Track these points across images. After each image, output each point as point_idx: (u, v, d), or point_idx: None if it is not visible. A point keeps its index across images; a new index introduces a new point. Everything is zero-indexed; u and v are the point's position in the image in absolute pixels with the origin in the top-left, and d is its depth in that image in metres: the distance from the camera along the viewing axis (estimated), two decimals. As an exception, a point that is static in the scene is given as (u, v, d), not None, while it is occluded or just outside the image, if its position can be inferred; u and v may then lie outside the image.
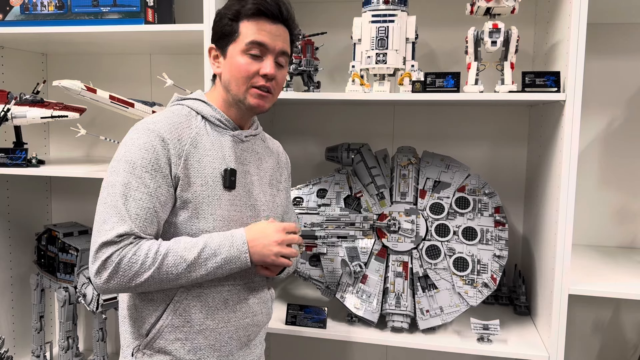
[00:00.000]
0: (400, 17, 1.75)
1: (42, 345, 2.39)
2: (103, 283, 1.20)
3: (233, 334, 1.37)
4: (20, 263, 2.48)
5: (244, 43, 1.31)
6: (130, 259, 1.19)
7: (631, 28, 2.08)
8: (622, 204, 2.17)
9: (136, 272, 1.20)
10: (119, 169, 1.23)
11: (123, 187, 1.21)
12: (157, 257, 1.21)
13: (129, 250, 1.19)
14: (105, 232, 1.19)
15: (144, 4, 1.91)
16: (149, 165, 1.23)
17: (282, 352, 2.50)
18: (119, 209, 1.20)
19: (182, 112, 1.34)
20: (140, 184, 1.22)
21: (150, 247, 1.21)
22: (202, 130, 1.33)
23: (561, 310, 1.63)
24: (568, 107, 1.58)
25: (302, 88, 1.96)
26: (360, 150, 1.99)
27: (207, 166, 1.31)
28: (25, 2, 2.01)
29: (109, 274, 1.19)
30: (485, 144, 2.24)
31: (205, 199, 1.29)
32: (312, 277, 1.88)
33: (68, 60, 2.55)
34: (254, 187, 1.40)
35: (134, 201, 1.21)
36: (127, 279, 1.20)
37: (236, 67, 1.32)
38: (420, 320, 1.77)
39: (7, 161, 2.01)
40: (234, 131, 1.39)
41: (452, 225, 1.81)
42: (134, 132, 1.28)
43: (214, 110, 1.37)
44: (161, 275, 1.22)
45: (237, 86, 1.33)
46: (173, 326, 1.30)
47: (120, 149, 1.27)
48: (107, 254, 1.18)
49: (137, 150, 1.24)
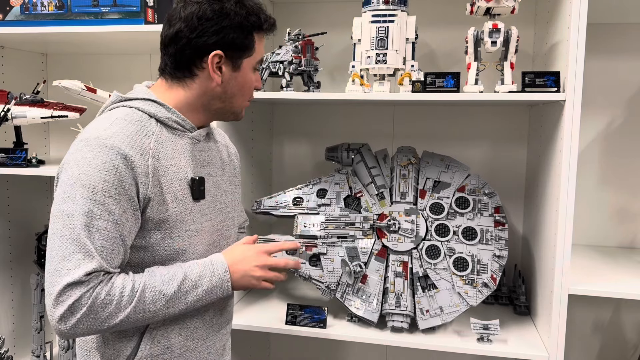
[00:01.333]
0: (400, 17, 1.75)
1: (42, 345, 2.39)
2: (70, 329, 1.05)
3: (211, 349, 1.33)
4: (20, 263, 2.48)
5: (257, 59, 1.27)
6: (103, 300, 1.06)
7: (631, 28, 2.08)
8: (622, 203, 2.17)
9: (110, 313, 1.07)
10: (75, 195, 1.07)
11: (84, 216, 1.06)
12: (133, 294, 1.09)
13: (101, 290, 1.06)
14: (68, 271, 1.04)
15: (144, 4, 1.91)
16: (112, 189, 1.08)
17: (282, 352, 2.50)
18: (82, 242, 1.05)
19: (134, 117, 1.17)
20: (103, 211, 1.07)
21: (124, 285, 1.09)
22: (160, 136, 1.18)
23: (561, 310, 1.63)
24: (568, 107, 1.58)
25: (302, 88, 1.96)
26: (360, 150, 1.99)
27: (174, 178, 1.18)
28: (25, 2, 2.01)
29: (78, 319, 1.05)
30: (485, 144, 2.24)
31: (178, 216, 1.18)
32: (312, 277, 1.88)
33: (68, 60, 2.55)
34: (218, 189, 1.32)
35: (98, 232, 1.07)
36: (99, 322, 1.07)
37: (247, 83, 1.27)
38: (420, 320, 1.77)
39: (7, 161, 2.01)
40: (192, 132, 1.26)
41: (452, 225, 1.81)
42: (86, 150, 1.09)
43: (169, 112, 1.22)
44: (137, 314, 1.10)
45: (241, 101, 1.29)
46: (152, 356, 1.20)
47: (70, 169, 1.09)
48: (75, 296, 1.04)
49: (95, 173, 1.07)
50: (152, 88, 1.28)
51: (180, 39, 1.19)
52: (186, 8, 1.19)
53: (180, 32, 1.19)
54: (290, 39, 1.93)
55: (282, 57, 1.88)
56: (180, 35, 1.19)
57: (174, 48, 1.21)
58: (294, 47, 1.89)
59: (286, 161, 2.45)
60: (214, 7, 1.18)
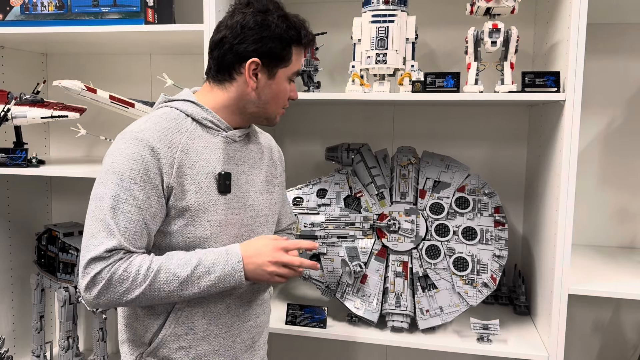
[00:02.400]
0: (400, 17, 1.75)
1: (42, 345, 2.39)
2: (93, 298, 1.18)
3: (237, 338, 1.37)
4: (20, 263, 2.48)
5: (293, 71, 1.35)
6: (120, 276, 1.17)
7: (631, 28, 2.08)
8: (622, 204, 2.17)
9: (127, 288, 1.18)
10: (107, 180, 1.20)
11: (111, 200, 1.18)
12: (148, 273, 1.18)
13: (119, 267, 1.17)
14: (94, 247, 1.16)
15: (144, 4, 1.91)
16: (138, 177, 1.19)
17: (282, 352, 2.50)
18: (107, 222, 1.17)
19: (171, 116, 1.29)
20: (128, 196, 1.18)
21: (141, 263, 1.19)
22: (193, 133, 1.29)
23: (561, 310, 1.63)
24: (568, 107, 1.58)
25: (302, 88, 1.96)
26: (360, 150, 1.99)
27: (200, 171, 1.27)
28: (26, 2, 2.01)
29: (99, 290, 1.17)
30: (485, 144, 2.24)
31: (201, 206, 1.26)
32: (312, 277, 1.89)
33: (68, 60, 2.55)
34: (250, 187, 1.39)
35: (123, 214, 1.18)
36: (117, 295, 1.18)
37: (282, 92, 1.36)
38: (420, 320, 1.77)
39: (7, 161, 2.01)
40: (227, 132, 1.35)
41: (452, 225, 1.81)
42: (121, 142, 1.23)
43: (205, 112, 1.32)
44: (152, 292, 1.19)
45: (275, 108, 1.38)
46: (176, 335, 1.29)
47: (107, 158, 1.23)
48: (97, 269, 1.16)
49: (125, 161, 1.19)
50: (198, 91, 1.39)
51: (223, 44, 1.29)
52: (233, 17, 1.30)
53: (225, 38, 1.29)
54: (290, 39, 1.93)
55: (282, 57, 1.88)
56: (224, 40, 1.29)
57: (218, 52, 1.31)
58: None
59: (286, 161, 2.44)
60: (257, 18, 1.27)
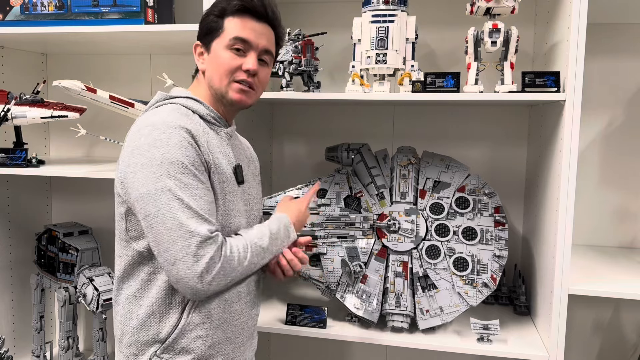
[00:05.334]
0: (400, 17, 1.75)
1: (42, 345, 2.39)
2: (205, 285, 1.19)
3: (244, 325, 1.40)
4: (20, 263, 2.48)
5: (227, 38, 1.34)
6: (229, 257, 1.22)
7: (631, 28, 2.08)
8: (622, 204, 2.17)
9: (233, 268, 1.23)
10: (167, 172, 1.19)
11: (184, 189, 1.19)
12: (246, 249, 1.26)
13: (226, 248, 1.22)
14: (193, 232, 1.17)
15: (144, 4, 1.91)
16: (196, 162, 1.23)
17: (282, 352, 2.50)
18: (194, 209, 1.19)
19: (182, 112, 1.30)
20: (196, 181, 1.21)
21: (237, 242, 1.26)
22: (205, 128, 1.32)
23: (561, 310, 1.63)
24: (568, 107, 1.58)
25: (302, 88, 1.96)
26: (360, 150, 1.98)
27: (223, 162, 1.32)
28: (25, 2, 2.01)
29: (213, 276, 1.19)
30: (485, 144, 2.24)
31: (228, 195, 1.32)
32: (312, 277, 1.88)
33: (68, 60, 2.55)
34: (247, 183, 1.44)
35: (201, 199, 1.21)
36: (226, 277, 1.23)
37: (219, 62, 1.34)
38: (420, 320, 1.77)
39: (7, 161, 2.01)
40: (226, 128, 1.41)
41: (452, 225, 1.81)
42: (157, 132, 1.22)
43: (207, 109, 1.36)
44: (247, 268, 1.27)
45: (219, 80, 1.35)
46: (194, 324, 1.29)
47: (149, 152, 1.20)
48: (210, 253, 1.18)
49: (177, 150, 1.20)
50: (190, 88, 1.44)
51: None
52: None
53: None
54: (290, 39, 1.93)
55: (282, 57, 1.88)
56: None
57: None
58: (294, 47, 1.89)
59: (286, 161, 2.45)
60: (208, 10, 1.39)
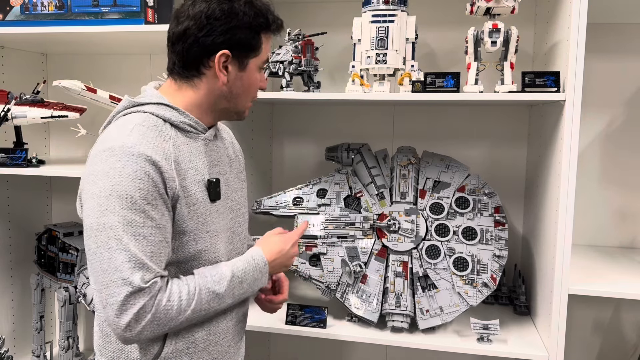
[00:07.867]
0: (400, 17, 1.75)
1: (43, 345, 2.39)
2: (135, 335, 1.09)
3: (231, 341, 1.34)
4: (20, 263, 2.48)
5: (262, 60, 1.26)
6: (165, 306, 1.10)
7: (631, 28, 2.08)
8: (622, 203, 2.16)
9: (172, 317, 1.12)
10: (114, 206, 1.07)
11: (128, 226, 1.07)
12: (190, 297, 1.14)
13: (162, 297, 1.10)
14: (125, 280, 1.06)
15: (144, 4, 1.91)
16: (149, 196, 1.09)
17: (282, 352, 2.50)
18: (132, 252, 1.07)
19: (150, 123, 1.17)
20: (145, 219, 1.09)
21: (180, 289, 1.13)
22: (176, 140, 1.19)
23: (561, 310, 1.63)
24: (568, 107, 1.58)
25: (302, 88, 1.96)
26: (360, 150, 1.99)
27: (193, 181, 1.19)
28: (25, 2, 2.01)
29: (143, 326, 1.09)
30: (485, 144, 2.24)
31: (200, 218, 1.20)
32: (312, 277, 1.88)
33: (68, 60, 2.55)
34: (228, 187, 1.33)
35: (145, 239, 1.09)
36: (162, 326, 1.11)
37: (254, 83, 1.27)
38: (420, 320, 1.77)
39: (7, 161, 2.01)
40: (204, 134, 1.27)
41: (452, 225, 1.81)
42: (113, 160, 1.09)
43: (182, 115, 1.22)
44: (195, 314, 1.15)
45: (245, 100, 1.29)
46: (177, 350, 1.22)
47: (101, 181, 1.09)
48: (139, 304, 1.07)
49: (129, 182, 1.08)
50: (162, 90, 1.27)
51: (188, 37, 1.19)
52: (195, 6, 1.19)
53: (189, 30, 1.18)
54: (290, 39, 1.93)
55: (282, 57, 1.88)
56: (188, 33, 1.18)
57: (181, 46, 1.20)
58: (294, 47, 1.89)
59: (286, 161, 2.45)
60: (223, 6, 1.18)
